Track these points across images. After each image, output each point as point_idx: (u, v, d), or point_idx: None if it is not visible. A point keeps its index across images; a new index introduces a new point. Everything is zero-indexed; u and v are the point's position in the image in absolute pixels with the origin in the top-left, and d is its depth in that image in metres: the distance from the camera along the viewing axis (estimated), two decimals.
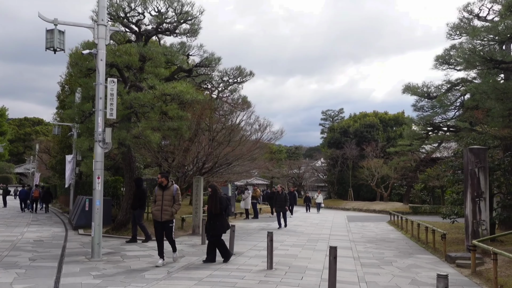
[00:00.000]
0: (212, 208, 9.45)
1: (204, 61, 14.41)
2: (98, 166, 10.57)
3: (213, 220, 9.44)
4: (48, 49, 10.47)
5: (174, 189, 9.45)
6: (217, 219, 9.42)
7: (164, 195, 9.36)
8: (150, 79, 11.28)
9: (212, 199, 9.52)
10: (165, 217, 9.31)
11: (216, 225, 9.42)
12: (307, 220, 24.06)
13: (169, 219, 9.37)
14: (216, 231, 9.47)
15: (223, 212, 9.55)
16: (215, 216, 9.43)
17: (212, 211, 9.45)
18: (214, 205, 9.43)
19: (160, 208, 9.31)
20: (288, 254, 11.20)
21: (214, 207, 9.43)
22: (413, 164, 35.75)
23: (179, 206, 9.58)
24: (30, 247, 11.91)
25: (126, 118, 12.53)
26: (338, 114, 67.59)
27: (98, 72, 10.64)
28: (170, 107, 11.53)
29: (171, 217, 9.41)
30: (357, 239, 15.30)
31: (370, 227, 20.69)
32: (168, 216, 9.34)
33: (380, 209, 35.25)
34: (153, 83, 11.03)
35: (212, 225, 9.46)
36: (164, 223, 9.35)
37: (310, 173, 53.27)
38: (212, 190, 9.64)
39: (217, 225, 9.42)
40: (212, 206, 9.44)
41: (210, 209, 9.50)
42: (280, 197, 18.16)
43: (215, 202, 9.44)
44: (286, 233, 16.46)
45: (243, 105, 19.10)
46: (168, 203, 9.35)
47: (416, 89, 18.31)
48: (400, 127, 48.59)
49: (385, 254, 11.80)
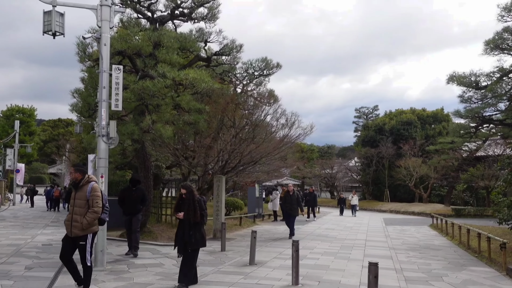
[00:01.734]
0: (190, 215, 7.16)
1: (224, 49, 13.08)
2: (102, 163, 9.41)
3: (192, 230, 7.18)
4: (46, 33, 9.38)
5: (88, 188, 6.35)
6: (197, 229, 7.25)
7: (76, 198, 6.42)
8: (160, 65, 10.03)
9: (188, 204, 7.21)
10: (74, 231, 6.28)
11: (197, 237, 7.24)
12: (340, 223, 22.37)
13: (80, 234, 6.26)
14: (197, 244, 7.33)
15: (203, 220, 7.38)
16: (194, 225, 7.21)
17: (190, 219, 7.17)
18: (193, 211, 7.17)
19: (71, 218, 6.35)
20: (318, 265, 9.69)
21: (193, 214, 7.17)
22: (455, 163, 33.44)
23: (95, 215, 6.31)
24: (35, 252, 10.90)
25: (139, 112, 11.35)
26: (373, 111, 65.13)
27: (102, 58, 9.47)
28: (183, 98, 10.23)
29: (82, 231, 6.26)
30: (397, 246, 13.59)
31: (411, 231, 18.83)
32: (78, 230, 6.26)
33: (419, 211, 33.03)
34: (163, 70, 9.75)
35: (192, 236, 7.19)
36: (75, 240, 6.33)
37: (343, 173, 51.17)
38: (188, 192, 7.30)
39: (197, 236, 7.25)
40: (191, 213, 7.16)
41: (188, 217, 7.17)
42: (291, 199, 15.01)
43: (193, 207, 7.18)
44: (316, 239, 14.93)
45: (269, 99, 17.65)
46: (79, 211, 6.31)
47: (463, 78, 16.40)
48: (439, 124, 45.99)
49: (433, 266, 10.10)
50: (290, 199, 14.97)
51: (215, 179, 14.29)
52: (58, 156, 50.63)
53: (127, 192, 10.78)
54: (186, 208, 7.20)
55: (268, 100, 18.32)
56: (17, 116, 40.68)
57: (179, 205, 7.34)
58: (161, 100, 10.23)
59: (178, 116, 11.46)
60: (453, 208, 30.22)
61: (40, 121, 71.74)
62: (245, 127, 16.15)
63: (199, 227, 7.28)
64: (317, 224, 21.01)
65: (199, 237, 7.28)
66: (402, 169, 38.54)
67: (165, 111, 10.42)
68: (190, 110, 11.51)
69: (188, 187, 7.40)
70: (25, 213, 25.35)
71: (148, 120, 9.86)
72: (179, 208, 7.32)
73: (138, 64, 10.86)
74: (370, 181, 46.37)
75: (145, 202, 10.98)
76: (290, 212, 14.99)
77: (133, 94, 9.84)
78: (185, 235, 7.20)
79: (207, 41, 12.95)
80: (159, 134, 10.18)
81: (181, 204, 7.33)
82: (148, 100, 10.52)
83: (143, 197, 10.73)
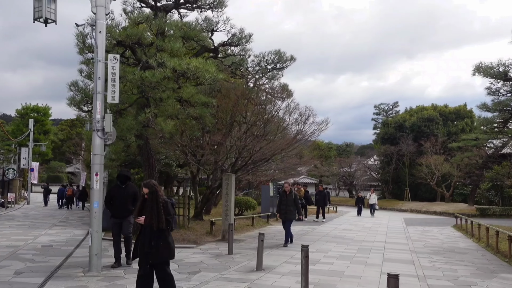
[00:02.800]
0: (152, 220, 5.68)
1: (232, 39, 12.28)
2: (97, 160, 8.72)
3: (154, 239, 5.70)
4: (37, 20, 8.76)
5: None
6: (161, 237, 5.76)
7: None
8: (159, 54, 9.29)
9: (151, 207, 5.76)
10: None
11: (160, 248, 5.72)
12: (358, 223, 21.37)
13: None
14: (161, 256, 5.78)
15: (169, 227, 5.86)
16: (158, 233, 5.73)
17: (152, 225, 5.69)
18: (157, 216, 5.69)
19: None
20: (332, 271, 8.84)
21: (156, 218, 5.68)
22: (479, 161, 31.99)
23: None
24: (31, 255, 10.31)
25: (141, 105, 10.66)
26: (393, 108, 63.54)
27: (96, 47, 8.80)
28: (185, 90, 9.49)
29: None
30: (419, 248, 12.61)
31: (433, 232, 17.75)
32: None
33: (441, 210, 31.74)
34: (163, 58, 9.01)
35: (153, 247, 5.69)
36: None
37: (362, 172, 49.92)
38: (150, 192, 5.86)
39: (162, 247, 5.74)
40: (153, 217, 5.68)
41: (149, 221, 5.70)
42: (287, 200, 12.57)
43: (156, 211, 5.71)
44: (332, 240, 14.04)
45: (282, 93, 16.82)
46: None
47: (490, 69, 15.24)
48: (462, 121, 44.44)
49: (459, 272, 9.14)
50: (286, 200, 12.59)
51: (224, 178, 13.53)
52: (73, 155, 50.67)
53: (115, 191, 9.14)
54: (148, 212, 5.75)
55: (281, 94, 17.50)
56: (32, 115, 40.69)
57: (141, 207, 5.97)
58: (162, 93, 9.50)
59: (182, 110, 10.72)
60: (477, 207, 28.90)
61: (59, 121, 72.32)
62: (257, 123, 15.35)
63: (164, 235, 5.79)
64: (334, 225, 20.09)
65: (164, 248, 5.76)
66: (423, 167, 37.20)
67: (167, 104, 9.68)
68: (195, 103, 10.79)
69: (150, 186, 5.90)
70: (36, 212, 25.07)
71: (147, 114, 9.13)
72: (140, 211, 5.92)
73: (138, 53, 10.14)
74: (389, 179, 45.06)
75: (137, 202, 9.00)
76: (285, 215, 12.57)
77: (132, 86, 9.13)
78: (145, 245, 5.74)
79: (214, 30, 12.15)
80: (159, 128, 9.46)
81: (143, 206, 5.93)
82: (149, 93, 9.82)
83: (134, 196, 8.97)
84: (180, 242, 12.21)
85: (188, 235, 13.03)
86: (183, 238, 12.68)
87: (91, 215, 8.67)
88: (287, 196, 12.65)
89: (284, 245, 12.44)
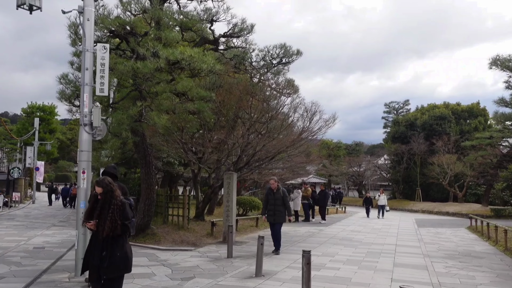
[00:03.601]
0: (106, 226, 4.72)
1: (233, 30, 11.61)
2: (84, 157, 8.12)
3: (108, 248, 4.78)
4: (20, 7, 8.19)
5: None
6: (116, 246, 4.81)
7: None
8: (151, 43, 8.66)
9: (103, 209, 4.81)
10: None
11: (116, 259, 4.78)
12: (368, 224, 20.58)
13: None
14: (115, 269, 4.83)
15: (126, 233, 4.92)
16: (112, 241, 4.79)
17: (104, 230, 4.73)
18: (111, 220, 4.73)
19: None
20: (337, 277, 8.13)
21: (110, 224, 4.72)
22: (493, 160, 30.88)
23: None
24: (19, 257, 9.76)
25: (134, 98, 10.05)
26: (403, 106, 62.46)
27: (84, 36, 8.21)
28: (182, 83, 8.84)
29: None
30: (432, 252, 11.83)
31: (447, 234, 16.92)
32: None
33: (454, 211, 30.78)
34: (156, 47, 8.37)
35: (106, 258, 4.76)
36: None
37: (372, 171, 48.95)
38: (104, 192, 4.85)
39: (118, 258, 4.79)
40: (107, 222, 4.73)
41: (102, 227, 4.75)
42: (275, 199, 10.51)
43: (110, 214, 4.74)
44: (339, 243, 13.31)
45: (288, 89, 16.12)
46: None
47: (508, 62, 14.39)
48: (475, 119, 43.29)
49: (478, 280, 8.37)
50: (274, 199, 10.51)
51: (226, 176, 12.88)
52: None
53: None
54: (100, 214, 4.80)
55: (287, 90, 16.81)
56: (37, 114, 40.41)
57: (92, 209, 4.94)
58: (156, 85, 8.87)
59: (180, 105, 10.08)
60: (491, 208, 27.94)
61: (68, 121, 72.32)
62: (260, 119, 14.66)
63: (120, 243, 4.83)
64: (342, 226, 19.33)
65: (118, 259, 4.78)
66: (435, 167, 36.19)
67: (162, 98, 9.04)
68: (193, 98, 10.14)
69: (105, 184, 4.87)
70: (39, 211, 24.65)
71: (139, 107, 8.50)
72: (91, 214, 4.92)
73: (131, 43, 9.51)
74: (400, 179, 44.04)
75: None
76: (273, 217, 10.51)
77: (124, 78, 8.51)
78: (95, 255, 4.82)
79: (214, 20, 11.48)
80: (152, 123, 8.83)
81: (94, 208, 4.93)
82: (143, 85, 9.19)
83: None
84: (178, 244, 11.61)
85: (187, 237, 12.41)
86: (182, 240, 12.06)
87: (77, 216, 8.08)
88: (274, 194, 10.56)
89: (275, 252, 10.56)
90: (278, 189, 10.58)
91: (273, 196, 10.59)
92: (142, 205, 12.23)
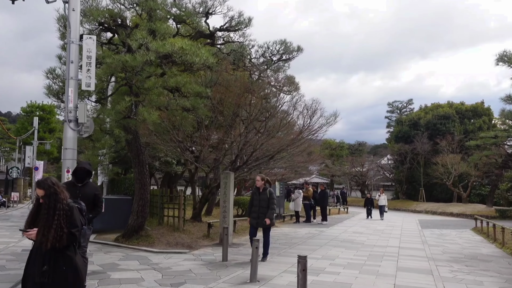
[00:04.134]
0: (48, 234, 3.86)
1: (230, 23, 11.16)
2: (69, 155, 7.73)
3: (50, 262, 3.93)
4: None
5: None
6: (60, 260, 3.98)
7: None
8: (140, 34, 8.22)
9: (47, 216, 3.91)
10: None
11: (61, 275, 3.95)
12: (370, 225, 20.09)
13: None
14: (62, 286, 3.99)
15: (74, 244, 4.06)
16: (57, 254, 3.96)
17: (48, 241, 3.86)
18: (55, 228, 3.87)
19: None
20: (337, 283, 7.66)
21: (55, 231, 3.86)
22: (498, 160, 30.40)
23: None
24: (5, 260, 9.35)
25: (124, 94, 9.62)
26: (407, 105, 61.83)
27: (69, 27, 7.80)
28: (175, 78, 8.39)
29: None
30: (437, 255, 11.35)
31: (451, 236, 16.43)
32: None
33: (458, 212, 30.24)
34: (144, 39, 7.93)
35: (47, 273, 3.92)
36: None
37: (375, 171, 48.40)
38: (46, 195, 3.98)
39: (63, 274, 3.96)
40: (52, 231, 3.86)
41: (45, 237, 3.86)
42: (260, 200, 9.31)
43: (53, 221, 3.88)
44: (340, 245, 12.84)
45: (288, 86, 15.66)
46: None
47: None
48: (479, 118, 42.73)
49: (486, 285, 7.89)
50: (259, 200, 9.30)
51: (222, 176, 12.44)
52: None
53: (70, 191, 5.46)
54: (43, 222, 3.91)
55: (288, 87, 16.36)
56: (37, 113, 40.09)
57: (34, 216, 4.09)
58: (147, 79, 8.43)
59: (173, 101, 9.65)
60: (496, 209, 27.44)
61: None
62: (259, 117, 14.21)
63: (67, 257, 3.99)
64: (343, 227, 18.86)
65: (64, 275, 3.95)
66: (439, 167, 35.65)
67: (152, 93, 8.60)
68: (187, 93, 9.72)
69: (47, 186, 4.00)
70: None
71: (127, 102, 8.07)
72: (32, 222, 4.06)
73: (121, 36, 9.09)
74: (403, 179, 43.50)
75: (98, 208, 6.50)
76: (257, 220, 9.37)
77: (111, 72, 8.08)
78: (36, 271, 3.94)
79: (209, 12, 11.03)
80: (142, 118, 8.40)
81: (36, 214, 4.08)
82: (133, 80, 8.76)
83: (94, 199, 6.41)
84: (172, 247, 11.17)
85: (182, 239, 11.97)
86: (177, 242, 11.63)
87: None
88: (259, 194, 9.31)
89: (262, 259, 9.33)
90: (264, 189, 9.32)
91: (258, 196, 9.33)
92: (135, 206, 11.80)
